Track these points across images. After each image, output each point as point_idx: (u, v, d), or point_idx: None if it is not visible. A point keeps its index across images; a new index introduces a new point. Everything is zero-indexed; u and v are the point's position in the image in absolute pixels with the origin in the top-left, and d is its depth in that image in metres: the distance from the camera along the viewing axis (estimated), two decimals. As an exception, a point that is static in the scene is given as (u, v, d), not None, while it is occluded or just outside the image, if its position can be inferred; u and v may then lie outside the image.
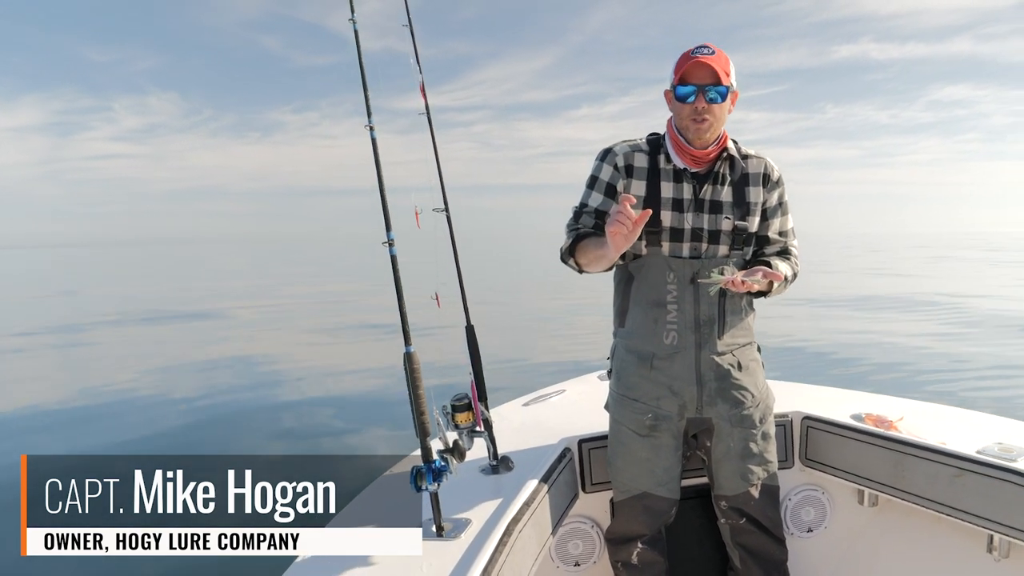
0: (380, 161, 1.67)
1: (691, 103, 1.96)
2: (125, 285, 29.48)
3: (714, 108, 1.96)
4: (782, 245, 2.16)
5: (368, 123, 1.68)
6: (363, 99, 1.67)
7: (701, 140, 2.01)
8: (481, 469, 2.17)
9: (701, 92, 1.95)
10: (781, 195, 2.14)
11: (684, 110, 1.99)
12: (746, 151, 2.11)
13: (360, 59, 1.68)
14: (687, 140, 2.02)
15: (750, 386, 2.12)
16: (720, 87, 1.95)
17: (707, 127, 1.98)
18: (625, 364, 2.15)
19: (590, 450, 2.34)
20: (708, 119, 1.96)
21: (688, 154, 2.04)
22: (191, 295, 22.45)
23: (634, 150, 2.09)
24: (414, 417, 1.71)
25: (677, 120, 2.03)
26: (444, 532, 1.74)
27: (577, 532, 2.37)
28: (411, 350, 1.70)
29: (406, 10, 2.09)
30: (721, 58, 1.96)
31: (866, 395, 2.76)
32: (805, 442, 2.52)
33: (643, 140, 2.12)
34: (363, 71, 1.68)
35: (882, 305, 15.50)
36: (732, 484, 2.16)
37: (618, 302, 2.18)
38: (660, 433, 2.10)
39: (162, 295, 22.94)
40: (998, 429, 2.34)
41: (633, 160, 2.07)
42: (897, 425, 2.36)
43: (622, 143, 2.12)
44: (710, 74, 1.94)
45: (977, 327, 12.00)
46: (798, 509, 2.55)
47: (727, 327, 2.08)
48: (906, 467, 2.24)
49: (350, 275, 33.40)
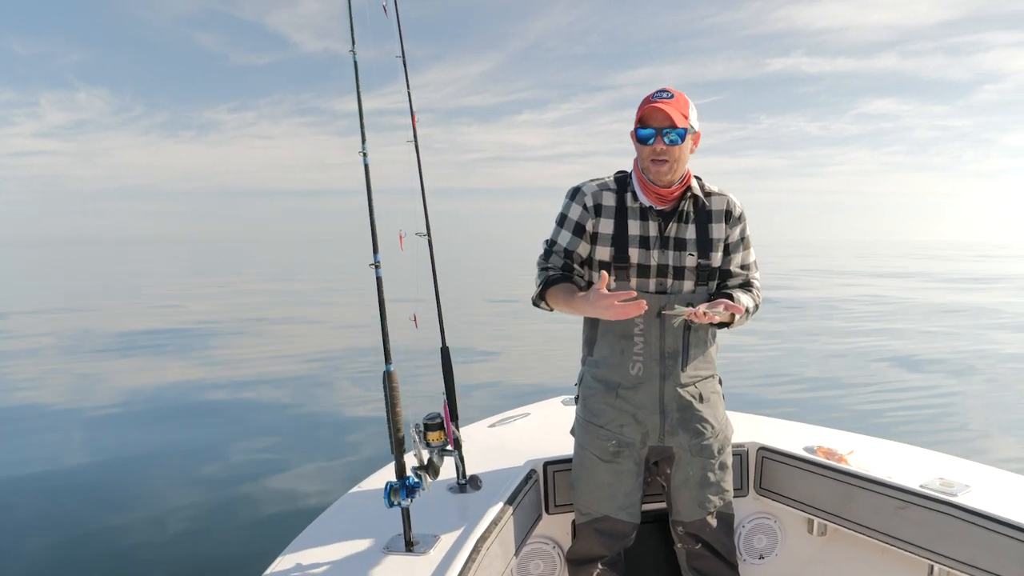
0: (371, 187, 1.73)
1: (651, 145, 2.05)
2: (27, 286, 28.46)
3: (673, 150, 2.04)
4: (744, 278, 2.25)
5: (362, 149, 1.73)
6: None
7: (663, 180, 2.10)
8: (449, 488, 2.22)
9: (660, 135, 2.03)
10: (743, 230, 2.24)
11: (645, 151, 2.08)
12: (709, 188, 2.21)
13: (358, 90, 1.73)
14: (650, 180, 2.12)
15: (711, 417, 2.21)
16: (678, 130, 2.03)
17: (667, 169, 2.06)
18: (592, 392, 2.22)
19: (555, 472, 2.41)
20: (667, 160, 2.05)
21: (653, 192, 2.13)
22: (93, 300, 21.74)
23: (602, 189, 2.18)
24: (390, 434, 1.76)
25: (640, 161, 2.13)
26: (413, 547, 1.79)
27: (539, 552, 2.43)
28: (391, 368, 1.76)
29: (400, 42, 2.16)
30: (680, 101, 2.05)
31: (819, 428, 2.88)
32: (760, 472, 2.62)
33: (611, 179, 2.21)
34: (360, 102, 1.73)
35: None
36: (689, 511, 2.24)
37: (587, 332, 2.26)
38: (623, 459, 2.18)
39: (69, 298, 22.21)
40: (940, 465, 2.47)
41: (602, 199, 2.16)
42: (847, 458, 2.48)
43: (590, 182, 2.20)
44: (666, 118, 2.02)
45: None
46: (751, 536, 2.64)
47: (691, 360, 2.17)
48: (854, 498, 2.35)
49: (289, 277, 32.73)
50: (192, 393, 8.65)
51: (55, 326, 14.43)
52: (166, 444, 6.42)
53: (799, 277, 30.32)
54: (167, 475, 5.58)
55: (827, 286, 24.84)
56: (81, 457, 6.13)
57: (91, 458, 6.11)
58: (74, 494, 5.18)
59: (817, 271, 35.38)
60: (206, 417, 7.50)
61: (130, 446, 6.40)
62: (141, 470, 5.78)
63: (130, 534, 4.43)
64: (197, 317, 16.00)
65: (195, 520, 4.62)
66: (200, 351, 11.66)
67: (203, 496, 5.08)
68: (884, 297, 21.00)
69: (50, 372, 9.35)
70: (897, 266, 38.76)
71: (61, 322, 15.11)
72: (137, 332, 12.90)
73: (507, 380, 9.21)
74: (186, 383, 9.17)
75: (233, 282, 29.27)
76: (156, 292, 24.23)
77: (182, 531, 4.42)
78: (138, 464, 5.92)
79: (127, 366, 10.27)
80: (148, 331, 13.56)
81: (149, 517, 4.66)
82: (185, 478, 5.47)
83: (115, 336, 12.98)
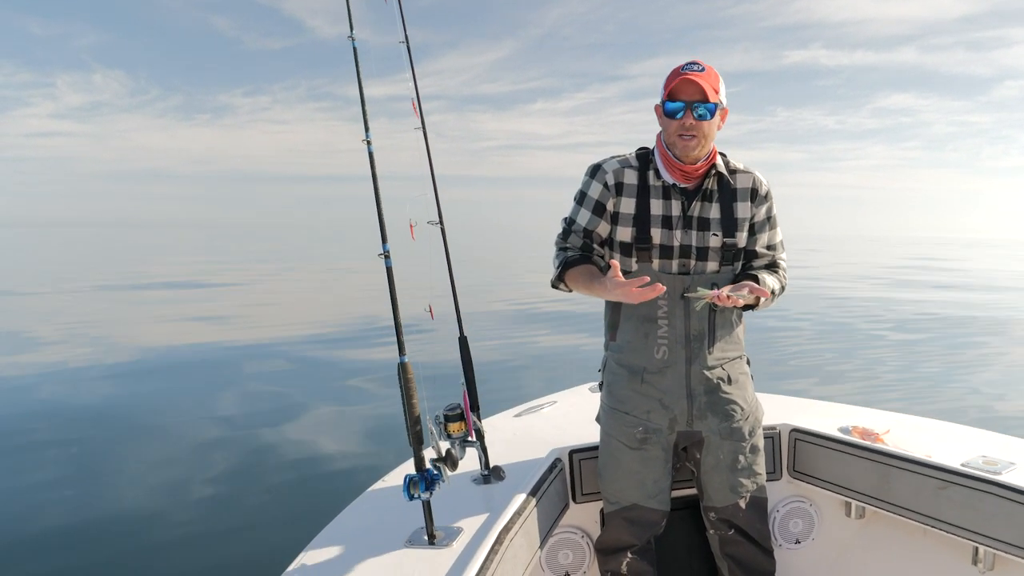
0: (377, 175, 1.69)
1: (679, 119, 1.98)
2: (59, 265, 29.00)
3: (702, 125, 1.97)
4: (770, 258, 2.19)
5: (365, 137, 1.70)
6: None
7: (689, 156, 2.02)
8: (473, 479, 2.19)
9: (689, 109, 1.96)
10: (769, 209, 2.16)
11: (672, 126, 2.00)
12: (735, 166, 2.13)
13: (359, 77, 1.69)
14: (676, 156, 2.04)
15: (740, 399, 2.15)
16: (708, 104, 1.96)
17: (695, 144, 1.99)
18: (616, 378, 2.17)
19: (580, 461, 2.36)
20: (696, 136, 1.98)
21: (678, 170, 2.05)
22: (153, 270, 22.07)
23: (624, 166, 2.11)
24: (407, 426, 1.73)
25: (666, 136, 2.05)
26: (436, 540, 1.76)
27: (567, 542, 2.39)
28: (405, 360, 1.73)
29: (403, 28, 2.12)
30: (711, 75, 1.97)
31: (853, 408, 2.79)
32: (793, 454, 2.55)
33: (632, 155, 2.14)
34: (361, 89, 1.70)
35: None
36: (721, 496, 2.18)
37: (609, 316, 2.21)
38: (650, 446, 2.12)
39: (121, 272, 22.54)
40: (983, 442, 2.38)
41: (623, 177, 2.09)
42: (883, 438, 2.39)
43: (611, 159, 2.13)
44: (698, 91, 1.95)
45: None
46: (786, 521, 2.57)
47: (717, 341, 2.11)
48: (892, 479, 2.27)
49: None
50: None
51: (71, 313, 14.70)
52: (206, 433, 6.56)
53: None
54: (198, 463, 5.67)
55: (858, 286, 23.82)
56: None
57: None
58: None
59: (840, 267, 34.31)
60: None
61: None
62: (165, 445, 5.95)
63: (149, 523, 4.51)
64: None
65: (218, 516, 4.66)
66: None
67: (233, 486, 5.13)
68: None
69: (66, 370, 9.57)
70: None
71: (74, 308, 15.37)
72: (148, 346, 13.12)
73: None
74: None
75: (250, 266, 29.42)
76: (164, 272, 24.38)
77: (202, 530, 4.45)
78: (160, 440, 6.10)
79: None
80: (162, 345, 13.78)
81: (165, 509, 4.73)
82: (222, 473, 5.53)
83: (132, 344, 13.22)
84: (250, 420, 6.75)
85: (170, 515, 4.55)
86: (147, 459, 5.66)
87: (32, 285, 20.88)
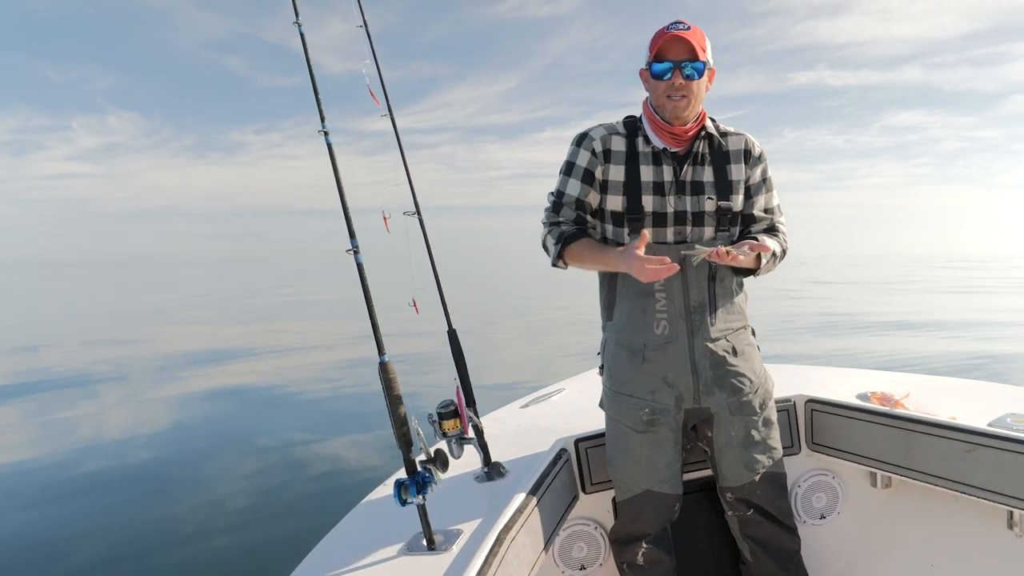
0: (337, 165, 1.60)
1: (668, 80, 1.91)
2: (83, 305, 29.11)
3: (691, 84, 1.90)
4: (769, 222, 2.10)
5: (322, 128, 1.62)
6: (315, 105, 1.60)
7: (679, 118, 1.95)
8: (475, 477, 2.10)
9: (678, 68, 1.89)
10: (764, 171, 2.07)
11: (660, 87, 1.93)
12: (725, 128, 2.05)
13: (308, 61, 1.61)
14: (664, 119, 1.96)
15: (747, 371, 2.05)
16: (697, 63, 1.89)
17: (685, 104, 1.92)
18: (616, 359, 2.08)
19: (587, 449, 2.26)
20: (686, 95, 1.91)
21: (667, 132, 1.97)
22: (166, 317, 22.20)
23: (611, 133, 2.02)
24: (394, 429, 1.64)
25: (654, 98, 1.98)
26: (435, 545, 1.68)
27: (580, 535, 2.30)
28: (385, 359, 1.64)
29: (360, 10, 2.03)
30: (697, 33, 1.90)
31: (868, 372, 2.68)
32: (811, 426, 2.44)
33: (619, 123, 2.05)
34: (312, 72, 1.61)
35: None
36: (736, 474, 2.09)
37: (604, 295, 2.11)
38: (658, 428, 2.03)
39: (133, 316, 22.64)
40: (1009, 400, 2.26)
41: (611, 144, 2.01)
42: (904, 402, 2.28)
43: (598, 127, 2.05)
44: (687, 49, 1.88)
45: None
46: (809, 496, 2.46)
47: (719, 312, 2.01)
48: (917, 445, 2.16)
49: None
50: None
51: (96, 352, 14.71)
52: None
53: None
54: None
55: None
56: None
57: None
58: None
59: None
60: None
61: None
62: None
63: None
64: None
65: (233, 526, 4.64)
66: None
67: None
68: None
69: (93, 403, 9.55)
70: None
71: (101, 349, 15.40)
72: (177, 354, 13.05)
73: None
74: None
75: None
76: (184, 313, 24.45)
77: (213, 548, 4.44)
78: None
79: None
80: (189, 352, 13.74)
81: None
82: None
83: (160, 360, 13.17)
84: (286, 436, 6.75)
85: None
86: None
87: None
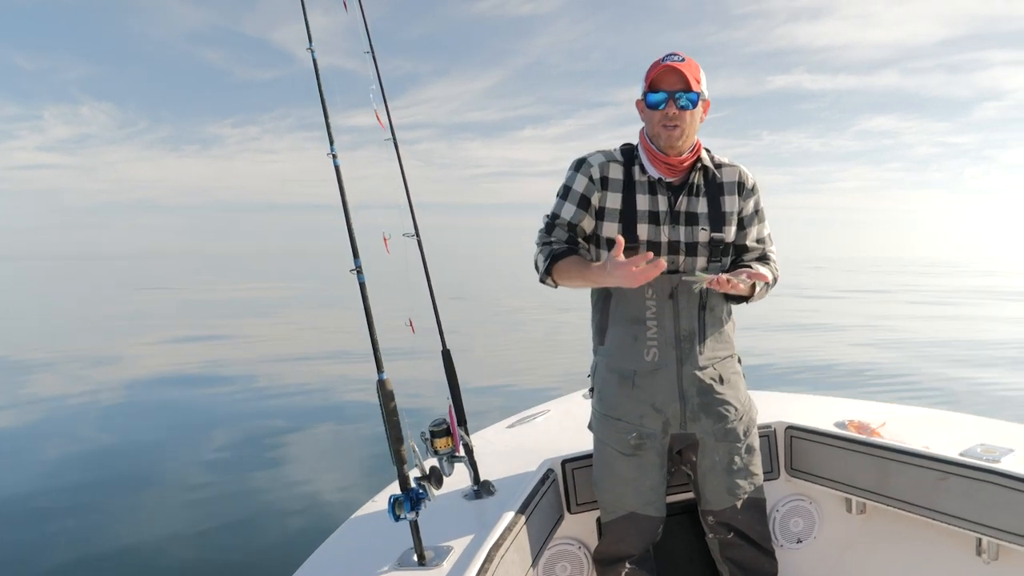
0: (344, 189, 1.65)
1: (662, 110, 1.96)
2: (52, 300, 28.44)
3: (685, 115, 1.95)
4: (760, 252, 2.16)
5: (331, 151, 1.67)
6: (323, 124, 1.65)
7: (674, 148, 2.00)
8: (464, 495, 2.14)
9: (672, 99, 1.94)
10: (757, 202, 2.14)
11: (655, 117, 1.98)
12: (719, 159, 2.11)
13: (320, 89, 1.66)
14: (660, 148, 2.01)
15: (733, 400, 2.11)
16: (691, 93, 1.94)
17: (679, 134, 1.97)
18: (607, 383, 2.13)
19: (574, 470, 2.31)
20: (679, 126, 1.95)
21: (662, 163, 2.02)
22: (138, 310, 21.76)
23: (609, 160, 2.07)
24: (390, 445, 1.68)
25: (649, 128, 2.03)
26: (426, 561, 1.71)
27: (565, 554, 2.34)
28: (384, 377, 1.68)
29: (367, 37, 2.09)
30: (691, 65, 1.96)
31: (847, 401, 2.75)
32: (790, 452, 2.50)
33: (617, 150, 2.11)
34: (323, 100, 1.66)
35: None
36: (719, 499, 2.14)
37: (597, 319, 2.17)
38: (645, 452, 2.08)
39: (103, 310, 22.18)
40: (981, 430, 2.34)
41: (608, 171, 2.06)
42: (880, 431, 2.36)
43: (596, 153, 2.10)
44: (680, 80, 1.93)
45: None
46: (786, 520, 2.53)
47: (708, 341, 2.07)
48: (891, 473, 2.23)
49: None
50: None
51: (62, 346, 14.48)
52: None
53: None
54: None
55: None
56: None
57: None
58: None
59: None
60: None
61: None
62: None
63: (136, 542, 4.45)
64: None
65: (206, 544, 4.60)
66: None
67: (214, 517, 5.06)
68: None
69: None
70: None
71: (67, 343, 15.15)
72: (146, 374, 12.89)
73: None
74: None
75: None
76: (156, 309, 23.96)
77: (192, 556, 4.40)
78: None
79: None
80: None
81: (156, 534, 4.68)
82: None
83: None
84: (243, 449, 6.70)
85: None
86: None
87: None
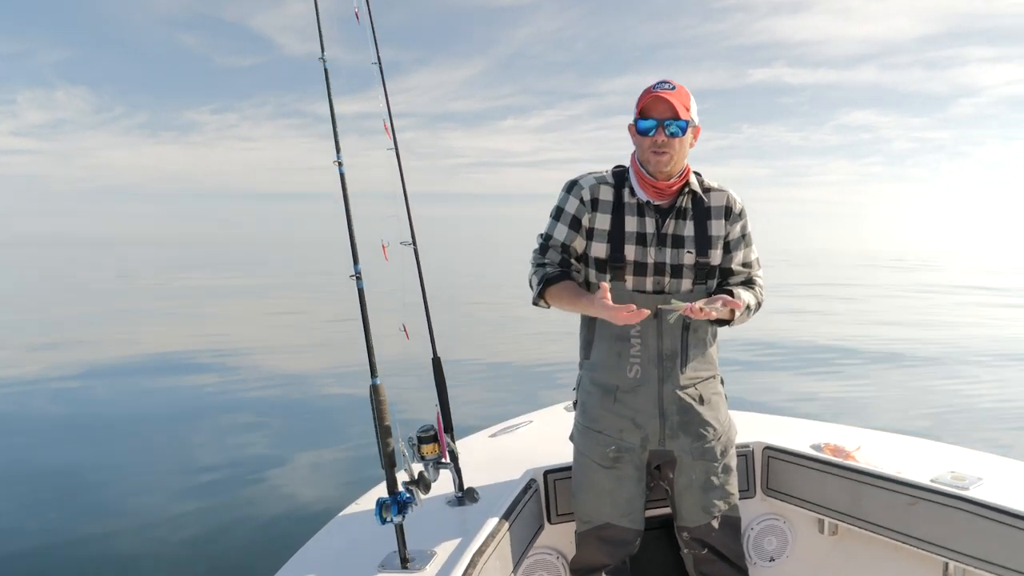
0: (348, 196, 1.68)
1: (651, 136, 2.01)
2: (30, 285, 27.79)
3: (674, 142, 2.00)
4: (746, 276, 2.20)
5: (336, 159, 1.69)
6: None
7: (662, 173, 2.05)
8: (447, 501, 2.17)
9: (661, 126, 1.99)
10: (744, 227, 2.18)
11: (645, 143, 2.03)
12: (708, 184, 2.16)
13: (330, 96, 1.69)
14: (649, 172, 2.07)
15: (712, 420, 2.15)
16: (680, 121, 1.99)
17: (668, 160, 2.02)
18: (590, 396, 2.17)
19: (555, 481, 2.35)
20: (668, 152, 2.01)
21: (651, 186, 2.07)
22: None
23: (600, 182, 2.13)
24: (380, 449, 1.71)
25: (639, 153, 2.08)
26: (409, 564, 1.74)
27: (543, 564, 2.37)
28: (377, 382, 1.71)
29: (375, 49, 2.12)
30: (681, 93, 2.01)
31: (824, 425, 2.82)
32: (766, 472, 2.56)
33: (608, 172, 2.16)
34: (332, 106, 1.70)
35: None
36: (694, 516, 2.18)
37: (584, 333, 2.21)
38: (623, 465, 2.12)
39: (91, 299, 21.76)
40: (953, 457, 2.41)
41: (599, 193, 2.11)
42: (855, 455, 2.42)
43: (588, 175, 2.15)
44: (669, 108, 1.98)
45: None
46: (760, 539, 2.58)
47: (690, 361, 2.11)
48: (864, 496, 2.29)
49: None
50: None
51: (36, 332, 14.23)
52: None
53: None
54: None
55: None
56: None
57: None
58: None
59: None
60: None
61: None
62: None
63: (119, 540, 4.42)
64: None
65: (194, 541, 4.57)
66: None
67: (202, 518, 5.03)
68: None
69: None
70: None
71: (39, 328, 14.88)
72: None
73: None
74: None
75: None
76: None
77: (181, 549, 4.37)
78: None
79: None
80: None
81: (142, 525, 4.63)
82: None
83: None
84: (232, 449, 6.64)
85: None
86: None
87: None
